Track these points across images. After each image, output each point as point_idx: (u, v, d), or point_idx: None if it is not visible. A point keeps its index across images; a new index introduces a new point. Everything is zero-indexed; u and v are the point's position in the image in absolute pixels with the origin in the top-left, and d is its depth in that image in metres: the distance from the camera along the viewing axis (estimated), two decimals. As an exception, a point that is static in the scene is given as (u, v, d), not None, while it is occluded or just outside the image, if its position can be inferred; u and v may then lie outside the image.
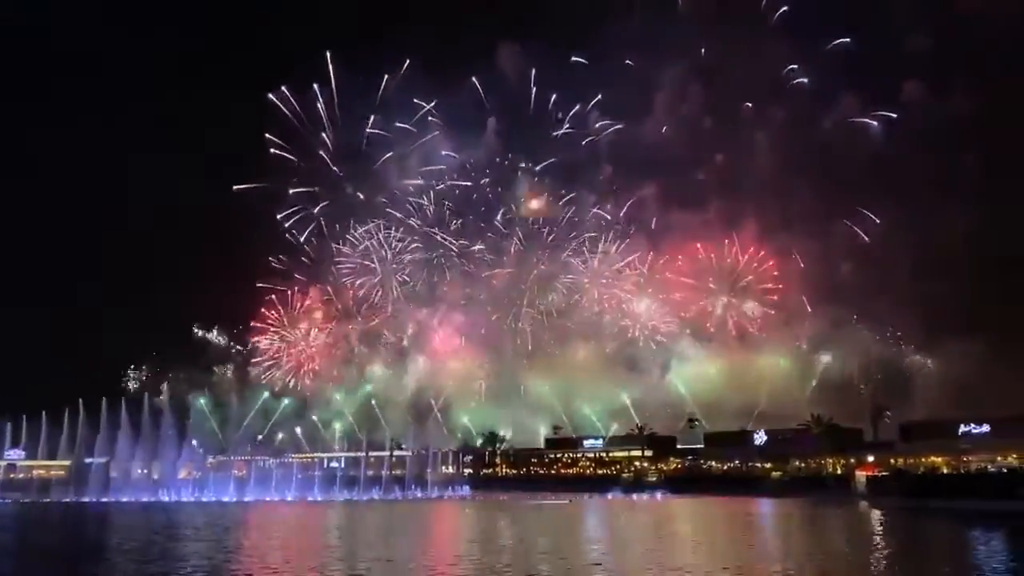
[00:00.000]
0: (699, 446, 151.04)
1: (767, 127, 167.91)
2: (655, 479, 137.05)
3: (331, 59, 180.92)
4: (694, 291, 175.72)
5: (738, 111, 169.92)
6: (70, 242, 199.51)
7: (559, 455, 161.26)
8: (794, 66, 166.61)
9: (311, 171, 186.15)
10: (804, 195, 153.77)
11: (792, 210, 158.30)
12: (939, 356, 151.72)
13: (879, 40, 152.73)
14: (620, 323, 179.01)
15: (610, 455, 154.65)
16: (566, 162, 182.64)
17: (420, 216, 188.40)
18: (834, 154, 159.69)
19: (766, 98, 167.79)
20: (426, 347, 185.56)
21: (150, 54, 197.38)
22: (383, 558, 42.96)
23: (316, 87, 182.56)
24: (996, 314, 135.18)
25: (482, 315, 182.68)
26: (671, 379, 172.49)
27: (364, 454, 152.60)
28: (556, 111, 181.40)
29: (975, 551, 46.12)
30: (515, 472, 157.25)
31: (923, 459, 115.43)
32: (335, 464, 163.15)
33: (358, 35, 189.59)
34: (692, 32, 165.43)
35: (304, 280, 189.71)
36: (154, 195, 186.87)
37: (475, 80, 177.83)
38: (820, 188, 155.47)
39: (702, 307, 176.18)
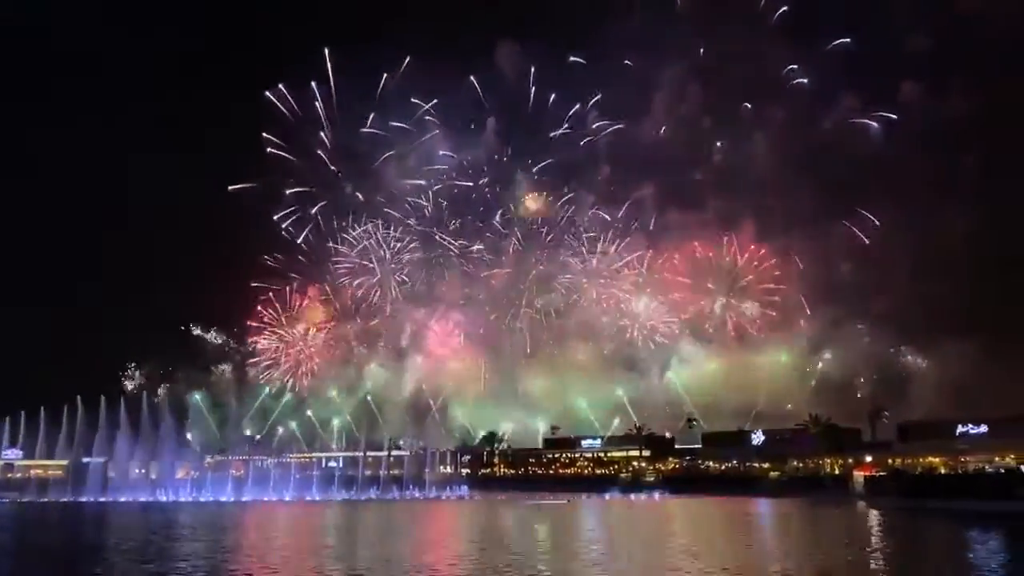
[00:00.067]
0: (697, 446, 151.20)
1: (766, 127, 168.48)
2: (653, 479, 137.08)
3: (329, 57, 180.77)
4: (692, 291, 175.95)
5: (737, 111, 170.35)
6: (70, 242, 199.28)
7: (557, 455, 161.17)
8: (793, 66, 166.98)
9: (309, 170, 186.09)
10: (803, 195, 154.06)
11: (791, 210, 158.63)
12: (937, 356, 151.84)
13: (878, 40, 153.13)
14: (618, 323, 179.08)
15: (608, 455, 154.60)
16: (565, 162, 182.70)
17: (418, 216, 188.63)
18: (833, 154, 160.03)
19: (765, 98, 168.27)
20: (424, 347, 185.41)
21: (150, 54, 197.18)
22: (382, 558, 42.93)
23: (314, 85, 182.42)
24: (994, 314, 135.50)
25: (480, 315, 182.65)
26: (669, 379, 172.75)
27: (362, 454, 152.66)
28: (555, 111, 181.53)
29: (972, 551, 46.17)
30: (513, 472, 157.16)
31: (921, 459, 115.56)
32: (333, 464, 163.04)
33: (357, 33, 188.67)
34: (691, 32, 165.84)
35: (303, 280, 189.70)
36: (154, 195, 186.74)
37: (474, 80, 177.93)
38: (819, 188, 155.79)
39: (700, 307, 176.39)
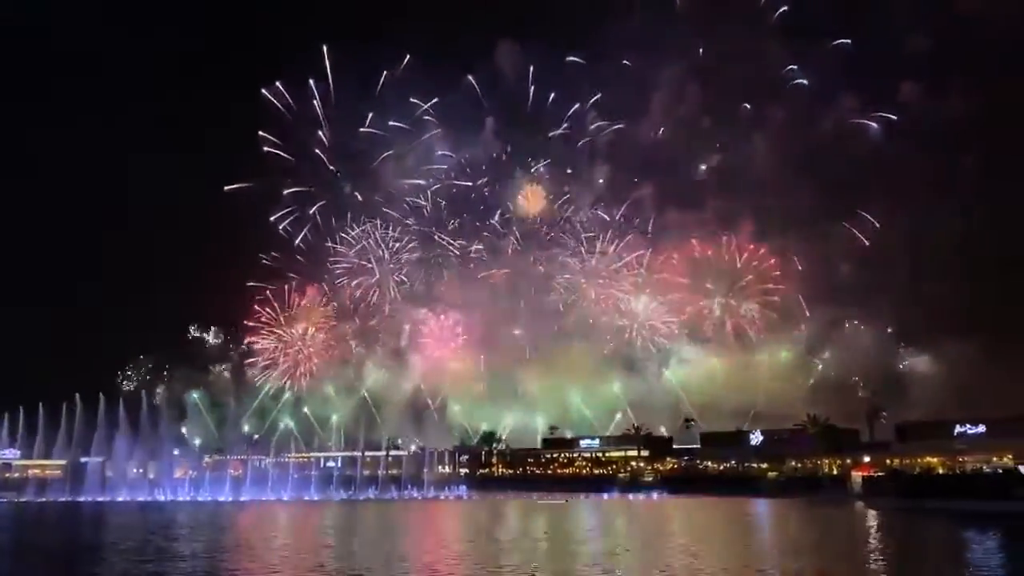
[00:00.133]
0: (695, 446, 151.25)
1: (765, 127, 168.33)
2: (651, 479, 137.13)
3: (328, 55, 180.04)
4: (691, 291, 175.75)
5: (737, 111, 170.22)
6: (69, 242, 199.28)
7: (555, 455, 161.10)
8: (793, 66, 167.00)
9: (307, 169, 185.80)
10: (802, 195, 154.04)
11: (790, 210, 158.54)
12: (936, 356, 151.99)
13: (878, 40, 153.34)
14: (617, 323, 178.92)
15: (606, 455, 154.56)
16: (564, 162, 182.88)
17: (417, 216, 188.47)
18: (832, 154, 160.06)
19: (765, 98, 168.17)
20: (423, 347, 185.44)
21: (150, 54, 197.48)
22: (381, 557, 42.89)
23: (312, 83, 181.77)
24: (993, 315, 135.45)
25: (479, 315, 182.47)
26: (668, 379, 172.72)
27: (361, 454, 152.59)
28: (554, 110, 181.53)
29: (970, 551, 46.21)
30: (511, 472, 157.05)
31: (919, 459, 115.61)
32: (331, 464, 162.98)
33: (356, 32, 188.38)
34: (691, 32, 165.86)
35: (301, 280, 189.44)
36: (153, 195, 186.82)
37: (472, 79, 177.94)
38: (818, 189, 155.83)
39: (699, 307, 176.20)
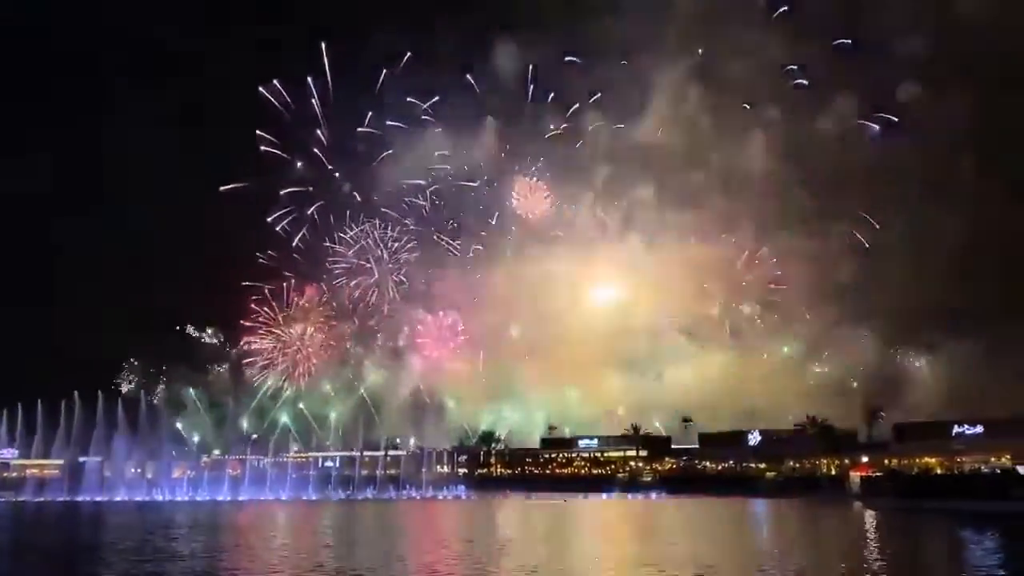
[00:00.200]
0: (694, 446, 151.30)
1: (765, 127, 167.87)
2: (650, 479, 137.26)
3: (326, 53, 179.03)
4: (691, 292, 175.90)
5: (736, 111, 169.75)
6: (69, 242, 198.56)
7: (554, 455, 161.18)
8: (793, 66, 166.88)
9: (305, 169, 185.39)
10: (802, 196, 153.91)
11: (789, 211, 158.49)
12: (934, 357, 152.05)
13: (878, 41, 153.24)
14: (616, 323, 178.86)
15: (605, 455, 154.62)
16: (563, 161, 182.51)
17: (416, 215, 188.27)
18: (832, 155, 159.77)
19: (765, 98, 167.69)
20: (422, 347, 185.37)
21: (150, 54, 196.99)
22: (380, 557, 42.89)
23: (310, 81, 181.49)
24: (991, 315, 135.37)
25: (478, 315, 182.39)
26: (667, 379, 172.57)
27: (359, 454, 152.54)
28: (554, 110, 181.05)
29: (968, 551, 46.28)
30: (510, 472, 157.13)
31: (917, 460, 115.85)
32: (330, 464, 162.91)
33: (355, 30, 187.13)
34: (690, 31, 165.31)
35: (300, 280, 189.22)
36: (154, 195, 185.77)
37: (471, 78, 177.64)
38: (818, 189, 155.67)
39: (699, 307, 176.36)
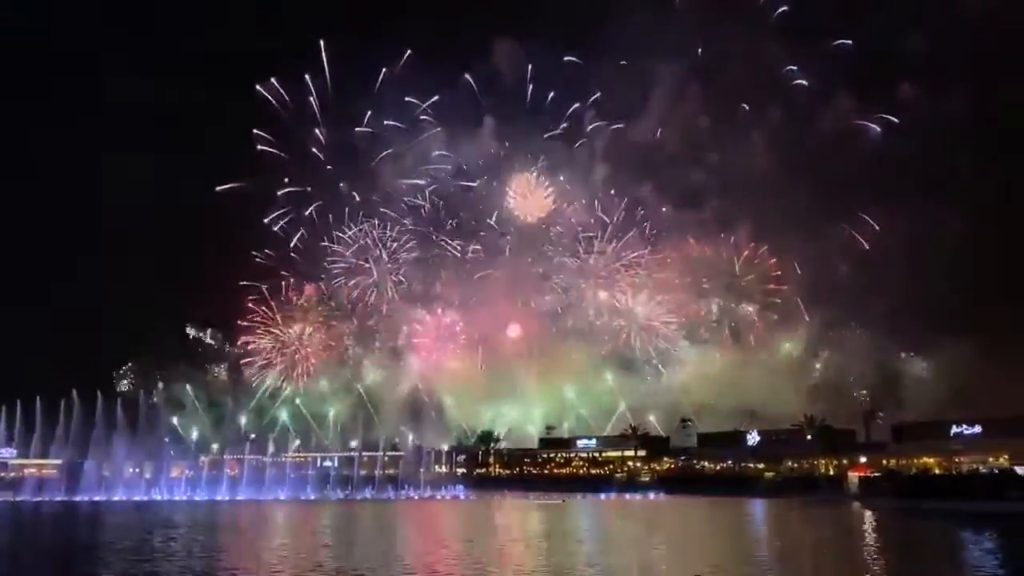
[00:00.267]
0: (692, 446, 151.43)
1: (764, 128, 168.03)
2: (648, 479, 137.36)
3: (325, 50, 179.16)
4: (690, 292, 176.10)
5: (736, 111, 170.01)
6: (68, 242, 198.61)
7: (553, 455, 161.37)
8: (793, 66, 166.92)
9: (304, 168, 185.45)
10: (801, 196, 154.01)
11: (789, 211, 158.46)
12: (932, 357, 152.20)
13: (878, 41, 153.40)
14: (615, 323, 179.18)
15: (603, 455, 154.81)
16: (562, 161, 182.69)
17: (415, 215, 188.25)
18: (832, 155, 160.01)
19: (764, 98, 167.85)
20: (421, 347, 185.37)
21: (150, 54, 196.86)
22: (379, 557, 42.87)
23: (308, 79, 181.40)
24: (991, 315, 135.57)
25: (477, 315, 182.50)
26: (665, 379, 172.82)
27: (358, 453, 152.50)
28: (553, 110, 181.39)
29: (965, 551, 46.34)
30: (509, 472, 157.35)
31: (915, 460, 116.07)
32: (328, 463, 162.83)
33: (354, 28, 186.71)
34: (690, 32, 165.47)
35: (298, 280, 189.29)
36: (153, 195, 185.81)
37: (471, 78, 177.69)
38: (817, 189, 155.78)
39: (697, 308, 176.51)
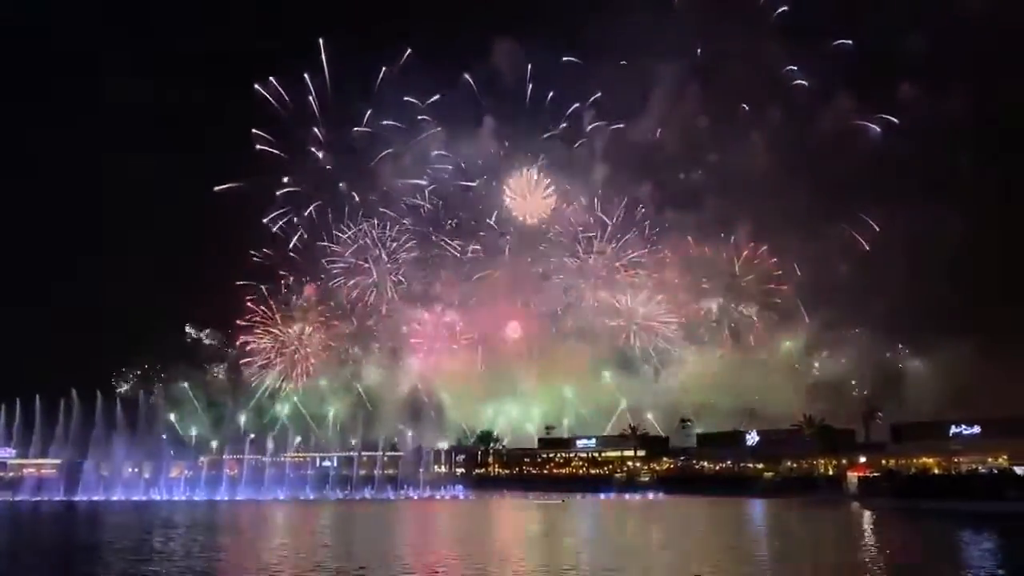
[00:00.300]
0: (692, 446, 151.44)
1: (764, 128, 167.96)
2: (648, 479, 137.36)
3: (324, 49, 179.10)
4: (689, 292, 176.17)
5: (735, 111, 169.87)
6: (68, 242, 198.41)
7: (552, 455, 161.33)
8: (793, 66, 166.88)
9: (303, 167, 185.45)
10: (801, 196, 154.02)
11: (788, 211, 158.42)
12: (931, 357, 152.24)
13: (878, 41, 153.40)
14: (614, 323, 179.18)
15: (603, 455, 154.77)
16: (562, 161, 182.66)
17: (414, 215, 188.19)
18: (832, 155, 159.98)
19: (764, 99, 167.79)
20: (420, 347, 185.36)
21: (150, 54, 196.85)
22: (379, 557, 42.86)
23: (308, 78, 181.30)
24: (990, 315, 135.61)
25: (477, 315, 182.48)
26: (665, 379, 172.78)
27: (357, 453, 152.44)
28: (552, 109, 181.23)
29: (962, 551, 46.37)
30: (508, 472, 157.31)
31: (914, 460, 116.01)
32: (328, 463, 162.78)
33: (353, 28, 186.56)
34: (689, 32, 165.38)
35: (298, 279, 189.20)
36: (153, 195, 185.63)
37: (469, 78, 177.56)
38: (817, 189, 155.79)
39: (697, 308, 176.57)
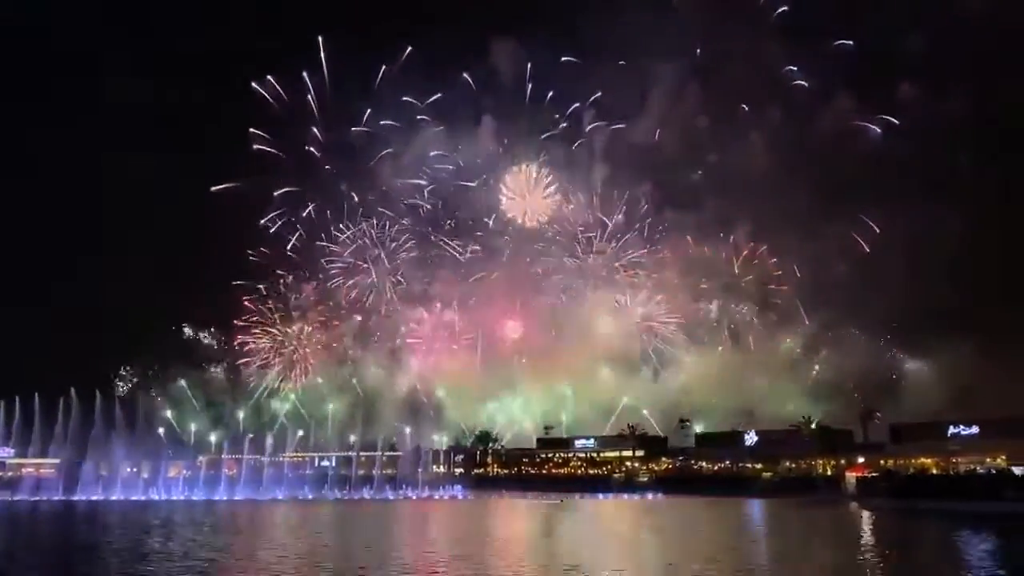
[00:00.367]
0: (690, 446, 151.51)
1: (764, 128, 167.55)
2: (646, 479, 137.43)
3: (323, 47, 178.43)
4: (688, 292, 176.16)
5: (735, 112, 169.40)
6: (67, 242, 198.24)
7: (551, 455, 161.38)
8: (793, 67, 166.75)
9: (302, 167, 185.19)
10: (801, 196, 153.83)
11: (788, 211, 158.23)
12: (930, 358, 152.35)
13: (878, 41, 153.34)
14: (614, 323, 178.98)
15: (601, 455, 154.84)
16: (561, 161, 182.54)
17: (413, 215, 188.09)
18: (831, 155, 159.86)
19: (763, 99, 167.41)
20: (419, 347, 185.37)
21: (150, 54, 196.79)
22: (378, 557, 42.92)
23: (307, 77, 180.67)
24: (988, 316, 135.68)
25: (476, 314, 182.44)
26: (664, 379, 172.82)
27: (355, 453, 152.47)
28: (552, 109, 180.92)
29: (961, 552, 46.46)
30: (507, 472, 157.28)
31: (913, 460, 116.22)
32: (326, 463, 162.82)
33: (353, 27, 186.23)
34: (689, 31, 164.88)
35: (297, 279, 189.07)
36: (153, 195, 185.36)
37: (469, 77, 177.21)
38: (817, 189, 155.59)
39: (696, 308, 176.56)
